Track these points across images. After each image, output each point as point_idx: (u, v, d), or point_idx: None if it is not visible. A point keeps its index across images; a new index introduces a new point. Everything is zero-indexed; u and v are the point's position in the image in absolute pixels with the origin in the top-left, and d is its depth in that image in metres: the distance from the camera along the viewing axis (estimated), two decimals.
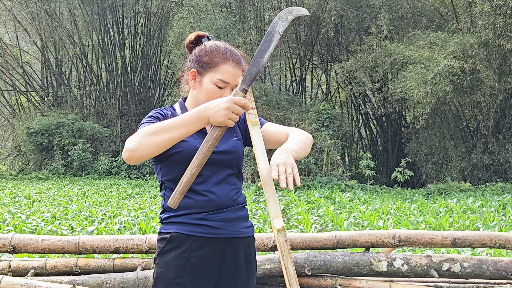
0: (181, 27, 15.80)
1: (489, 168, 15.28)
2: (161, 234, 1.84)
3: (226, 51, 1.87)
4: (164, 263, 1.79)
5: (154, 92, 23.13)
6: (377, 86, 16.48)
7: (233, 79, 1.85)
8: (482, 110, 15.11)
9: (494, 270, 3.02)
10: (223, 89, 1.85)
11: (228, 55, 1.87)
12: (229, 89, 1.85)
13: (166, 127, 1.65)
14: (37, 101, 22.86)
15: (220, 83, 1.84)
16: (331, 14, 16.37)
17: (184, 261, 1.78)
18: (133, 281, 3.12)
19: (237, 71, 1.86)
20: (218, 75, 1.84)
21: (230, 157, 1.87)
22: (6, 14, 20.89)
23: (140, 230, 5.92)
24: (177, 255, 1.78)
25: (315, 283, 3.13)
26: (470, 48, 13.73)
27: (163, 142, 1.65)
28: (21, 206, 9.22)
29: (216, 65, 1.85)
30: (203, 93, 1.86)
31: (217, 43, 1.90)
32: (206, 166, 1.78)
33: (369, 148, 20.25)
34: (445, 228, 6.14)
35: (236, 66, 1.86)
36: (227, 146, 1.88)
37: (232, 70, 1.85)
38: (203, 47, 1.90)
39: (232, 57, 1.87)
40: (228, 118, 1.62)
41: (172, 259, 1.77)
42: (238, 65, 1.87)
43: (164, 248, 1.80)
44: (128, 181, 15.74)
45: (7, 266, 3.26)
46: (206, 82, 1.86)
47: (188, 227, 1.79)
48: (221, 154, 1.85)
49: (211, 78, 1.85)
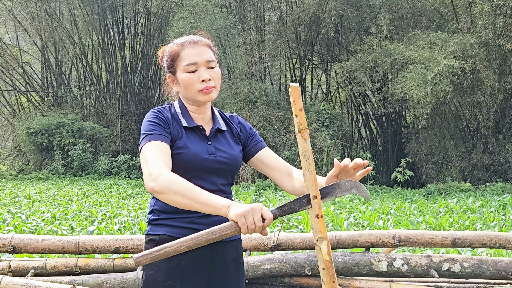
0: (181, 27, 15.79)
1: (489, 168, 15.27)
2: (150, 236, 1.84)
3: (180, 41, 1.90)
4: (153, 265, 1.77)
5: (154, 92, 23.13)
6: (377, 86, 16.48)
7: (199, 57, 1.84)
8: (482, 110, 15.11)
9: (494, 270, 3.02)
10: (196, 72, 1.84)
11: (183, 41, 1.89)
12: (202, 68, 1.84)
13: (193, 195, 1.61)
14: (37, 101, 22.85)
15: (189, 67, 1.84)
16: (331, 14, 16.36)
17: (174, 264, 1.77)
18: (133, 281, 3.12)
19: (198, 49, 1.86)
20: (183, 62, 1.85)
21: (229, 168, 1.88)
22: (6, 14, 20.88)
23: (140, 230, 5.92)
24: (166, 258, 1.76)
25: (315, 283, 3.12)
26: (470, 48, 13.72)
27: (183, 205, 1.64)
28: (21, 206, 9.22)
29: (177, 56, 1.87)
30: (183, 86, 1.87)
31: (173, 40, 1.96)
32: (203, 173, 1.81)
33: (369, 148, 20.25)
34: (445, 228, 6.14)
35: (195, 46, 1.86)
36: (229, 157, 1.88)
37: (192, 50, 1.85)
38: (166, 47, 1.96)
39: (188, 41, 1.88)
40: (244, 215, 1.51)
41: (162, 262, 1.73)
42: (196, 43, 1.87)
43: None
44: (128, 181, 15.73)
45: (7, 266, 3.26)
46: (179, 76, 1.87)
47: (177, 230, 1.80)
48: (222, 164, 1.86)
49: (180, 69, 1.86)
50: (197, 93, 1.85)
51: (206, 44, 1.89)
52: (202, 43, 1.88)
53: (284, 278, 3.16)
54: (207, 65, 1.85)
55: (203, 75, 1.83)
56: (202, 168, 1.81)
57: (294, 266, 3.09)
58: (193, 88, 1.85)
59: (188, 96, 1.88)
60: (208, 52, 1.87)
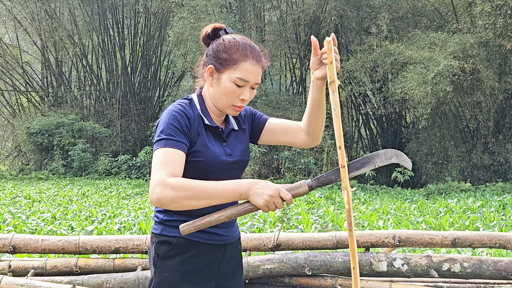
0: (181, 27, 15.80)
1: (489, 168, 15.27)
2: (163, 237, 1.78)
3: (246, 47, 1.76)
4: (168, 267, 1.75)
5: (154, 92, 23.13)
6: (377, 86, 16.48)
7: (253, 77, 1.76)
8: (482, 110, 15.11)
9: (494, 270, 3.02)
10: (242, 88, 1.76)
11: (248, 52, 1.76)
12: (248, 87, 1.77)
13: (207, 194, 1.58)
14: (37, 101, 22.85)
15: (239, 81, 1.74)
16: (331, 14, 16.37)
17: (190, 267, 1.76)
18: (133, 281, 3.12)
19: (257, 69, 1.76)
20: (237, 73, 1.74)
21: (242, 165, 1.89)
22: (6, 14, 20.88)
23: (140, 230, 5.92)
24: (182, 260, 1.76)
25: (315, 283, 3.12)
26: (470, 48, 13.72)
27: (199, 205, 1.60)
28: (21, 206, 9.22)
29: (236, 62, 1.74)
30: (221, 92, 1.76)
31: (236, 37, 1.79)
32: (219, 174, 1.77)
33: (369, 148, 20.25)
34: (445, 228, 6.14)
35: (256, 64, 1.76)
36: (241, 154, 1.87)
37: (252, 68, 1.75)
38: (221, 41, 1.78)
39: (252, 54, 1.76)
40: (266, 205, 1.57)
41: (178, 265, 1.74)
42: (258, 62, 1.77)
43: (169, 253, 1.76)
44: (128, 181, 15.73)
45: (7, 266, 3.26)
46: (224, 80, 1.75)
47: (196, 233, 1.76)
48: (237, 163, 1.85)
49: (230, 76, 1.74)
50: (229, 106, 1.78)
51: (263, 65, 1.80)
52: (262, 63, 1.79)
53: (284, 278, 3.16)
54: (253, 86, 1.79)
55: (245, 95, 1.76)
56: (219, 170, 1.78)
57: (294, 266, 3.09)
58: (229, 99, 1.77)
59: (218, 102, 1.80)
60: (261, 74, 1.80)
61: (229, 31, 1.82)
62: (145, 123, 21.21)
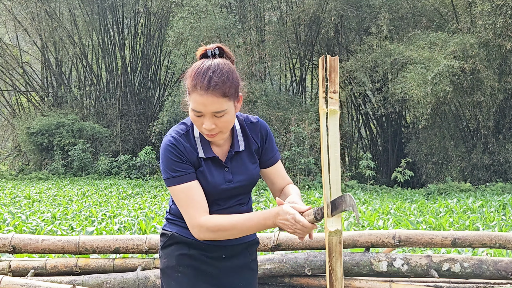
0: (181, 27, 15.79)
1: (489, 168, 15.27)
2: (164, 230, 1.96)
3: (198, 76, 1.69)
4: (166, 254, 1.92)
5: (154, 92, 23.13)
6: (377, 86, 16.47)
7: (204, 108, 1.68)
8: (482, 110, 15.11)
9: (494, 270, 3.02)
10: (201, 117, 1.71)
11: (197, 82, 1.69)
12: (208, 116, 1.70)
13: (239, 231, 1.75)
14: (37, 101, 22.85)
15: (194, 111, 1.72)
16: (331, 14, 16.37)
17: (184, 251, 1.88)
18: (133, 281, 3.12)
19: (206, 99, 1.67)
20: (191, 103, 1.73)
21: (247, 187, 1.91)
22: (6, 14, 20.87)
23: (140, 230, 5.92)
24: (178, 247, 1.90)
25: (315, 283, 3.13)
26: (470, 48, 13.72)
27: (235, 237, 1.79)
28: (21, 206, 9.22)
29: (189, 92, 1.73)
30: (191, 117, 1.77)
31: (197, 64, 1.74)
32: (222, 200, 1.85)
33: (369, 148, 20.25)
34: (445, 228, 6.13)
35: (205, 94, 1.66)
36: (246, 178, 1.88)
37: (200, 98, 1.68)
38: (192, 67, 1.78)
39: (201, 84, 1.67)
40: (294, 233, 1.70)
41: (173, 250, 1.90)
42: (207, 90, 1.66)
43: (167, 243, 1.93)
44: (128, 181, 15.73)
45: (7, 266, 3.26)
46: (190, 108, 1.75)
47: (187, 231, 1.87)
48: (239, 188, 1.87)
49: (190, 105, 1.74)
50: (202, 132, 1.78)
51: (218, 92, 1.67)
52: (213, 91, 1.66)
53: (284, 278, 3.16)
54: (216, 115, 1.70)
55: (206, 125, 1.71)
56: (220, 197, 1.85)
57: (294, 266, 3.09)
58: (197, 127, 1.77)
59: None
60: (217, 103, 1.67)
61: (215, 52, 1.76)
62: (145, 123, 21.21)
